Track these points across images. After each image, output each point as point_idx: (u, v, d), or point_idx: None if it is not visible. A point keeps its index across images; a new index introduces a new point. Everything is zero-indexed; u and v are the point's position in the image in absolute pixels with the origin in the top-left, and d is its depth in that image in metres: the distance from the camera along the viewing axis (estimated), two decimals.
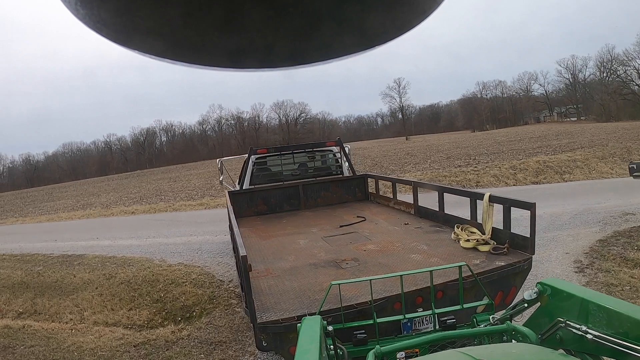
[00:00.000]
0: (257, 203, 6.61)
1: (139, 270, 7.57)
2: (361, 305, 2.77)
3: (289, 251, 4.31)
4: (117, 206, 18.91)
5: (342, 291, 2.67)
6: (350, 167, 7.43)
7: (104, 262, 8.36)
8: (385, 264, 3.61)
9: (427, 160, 21.58)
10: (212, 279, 6.86)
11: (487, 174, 15.59)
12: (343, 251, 4.13)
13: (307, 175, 7.17)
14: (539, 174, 15.18)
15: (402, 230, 4.86)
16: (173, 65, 0.31)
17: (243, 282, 3.05)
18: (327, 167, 7.50)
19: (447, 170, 17.33)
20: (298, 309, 2.82)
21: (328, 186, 6.96)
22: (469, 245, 3.82)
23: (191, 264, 7.61)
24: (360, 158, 30.57)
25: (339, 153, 7.39)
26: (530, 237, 3.39)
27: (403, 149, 35.11)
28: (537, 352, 1.55)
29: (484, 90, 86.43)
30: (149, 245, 9.29)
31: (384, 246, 4.19)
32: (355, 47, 0.32)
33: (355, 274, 3.38)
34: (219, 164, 8.55)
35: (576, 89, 72.77)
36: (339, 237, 4.73)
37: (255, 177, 6.92)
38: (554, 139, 25.37)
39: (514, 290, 3.37)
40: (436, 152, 26.03)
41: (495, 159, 18.63)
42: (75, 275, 7.90)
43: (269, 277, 3.52)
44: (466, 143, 33.01)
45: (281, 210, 6.63)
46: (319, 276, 3.44)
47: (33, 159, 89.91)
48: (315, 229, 5.28)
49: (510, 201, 3.72)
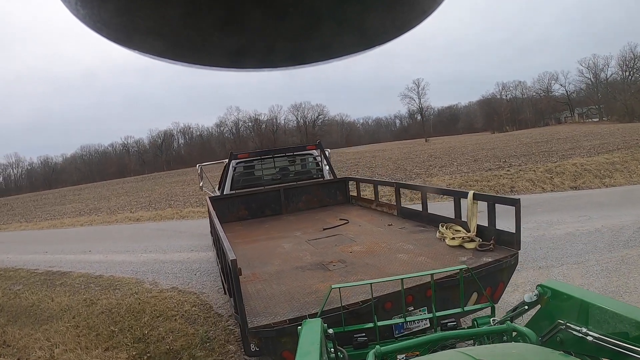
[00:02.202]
0: (238, 208, 6.52)
1: (124, 296, 6.46)
2: (353, 306, 2.75)
3: (274, 255, 4.28)
4: (123, 212, 18.08)
5: (330, 293, 2.68)
6: (331, 170, 7.38)
7: (88, 283, 7.31)
8: (373, 265, 3.62)
9: (453, 163, 20.61)
10: (208, 311, 5.66)
11: (522, 178, 14.19)
12: (329, 253, 4.13)
13: (288, 180, 7.19)
14: (577, 178, 13.71)
15: (386, 231, 4.87)
16: (174, 65, 0.31)
17: (232, 286, 2.90)
18: (307, 171, 7.52)
19: (477, 174, 16.04)
20: (289, 312, 2.80)
21: (309, 190, 6.95)
22: (455, 243, 3.90)
23: (186, 289, 6.44)
24: (380, 160, 29.47)
25: (319, 156, 7.38)
26: (516, 232, 3.48)
27: (424, 151, 34.85)
28: (538, 352, 1.53)
29: (504, 90, 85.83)
30: (143, 262, 8.19)
31: (369, 247, 4.20)
32: (355, 47, 0.32)
33: (344, 276, 3.41)
34: (198, 169, 8.42)
35: (598, 89, 71.60)
36: (324, 239, 4.72)
37: (236, 182, 6.88)
38: (584, 140, 24.46)
39: (502, 286, 3.44)
40: (461, 155, 25.21)
41: (528, 162, 17.34)
42: (53, 300, 6.86)
43: (256, 282, 3.47)
44: (490, 144, 32.40)
45: (263, 215, 6.58)
46: (307, 279, 3.43)
47: (51, 161, 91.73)
48: (299, 232, 5.24)
49: (495, 198, 3.90)
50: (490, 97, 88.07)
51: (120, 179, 68.77)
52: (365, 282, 2.68)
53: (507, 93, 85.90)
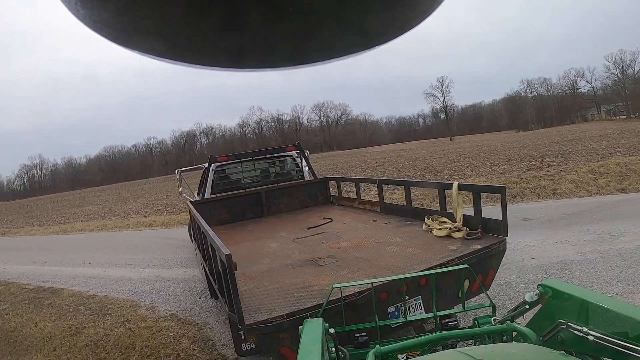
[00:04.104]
0: (219, 212, 6.45)
1: (114, 324, 5.51)
2: (350, 298, 2.74)
3: (262, 255, 4.23)
4: (137, 216, 17.40)
5: (322, 287, 2.92)
6: (311, 171, 7.41)
7: (77, 306, 6.41)
8: (363, 258, 3.63)
9: (486, 163, 19.28)
10: (210, 350, 4.62)
11: (564, 180, 12.81)
12: (317, 250, 4.11)
13: (268, 182, 7.20)
14: (623, 179, 12.40)
15: (371, 227, 4.87)
16: (174, 65, 0.31)
17: (227, 282, 2.69)
18: (287, 172, 7.53)
19: (514, 175, 14.66)
20: (285, 307, 2.75)
21: (290, 191, 6.96)
22: (442, 233, 3.96)
23: (187, 318, 5.43)
24: (407, 160, 28.12)
25: (298, 158, 7.41)
26: (503, 219, 3.56)
27: (451, 150, 34.16)
28: (538, 352, 1.54)
29: (529, 88, 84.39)
30: (143, 279, 7.26)
31: (357, 242, 4.20)
32: (355, 47, 0.32)
33: (335, 270, 3.40)
34: (177, 175, 8.27)
35: (625, 85, 70.14)
36: (310, 238, 4.71)
37: (216, 186, 6.79)
38: (620, 138, 23.20)
39: (492, 272, 3.51)
40: (492, 154, 24.10)
41: (566, 161, 15.92)
42: (37, 324, 5.99)
43: (247, 281, 3.41)
44: (519, 143, 31.35)
45: (244, 218, 6.56)
46: (299, 275, 3.40)
47: (75, 162, 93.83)
48: (284, 232, 5.23)
49: (480, 187, 4.13)
50: (514, 94, 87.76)
51: (143, 180, 69.52)
52: (367, 282, 2.70)
53: (532, 90, 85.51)
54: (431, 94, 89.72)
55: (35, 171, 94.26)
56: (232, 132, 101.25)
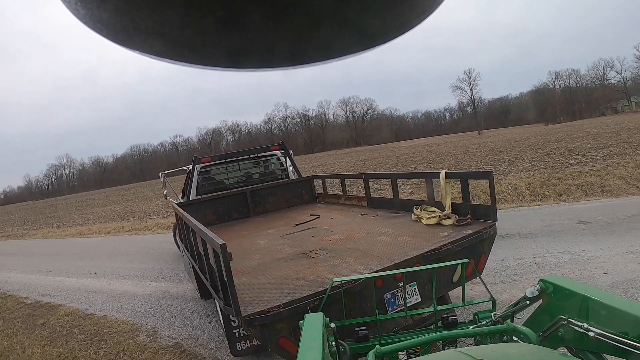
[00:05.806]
0: (205, 214, 6.36)
1: (107, 354, 4.71)
2: (346, 285, 2.72)
3: (252, 251, 4.20)
4: (155, 217, 16.88)
5: (317, 277, 2.91)
6: (296, 170, 7.49)
7: (72, 328, 5.68)
8: (355, 249, 3.64)
9: (523, 158, 17.95)
10: None
11: (612, 175, 11.67)
12: (308, 244, 4.09)
13: (253, 182, 7.21)
14: None
15: (360, 220, 4.93)
16: (174, 65, 0.31)
17: (222, 273, 2.61)
18: (272, 172, 7.56)
19: (556, 170, 13.39)
20: (281, 297, 2.72)
21: (275, 191, 6.97)
22: (432, 222, 4.01)
23: (193, 348, 4.56)
24: (437, 155, 26.76)
25: (282, 157, 7.48)
26: (492, 204, 3.60)
27: (481, 144, 33.19)
28: (537, 352, 1.52)
29: (557, 80, 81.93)
30: (149, 296, 6.47)
31: (347, 235, 4.22)
32: (356, 47, 0.33)
33: (329, 261, 3.39)
34: (161, 177, 8.23)
35: None
36: (299, 233, 4.71)
37: (201, 187, 6.81)
38: None
39: (484, 257, 3.52)
40: (526, 148, 22.85)
41: (610, 155, 14.70)
42: (24, 350, 5.29)
43: (240, 275, 3.36)
44: (553, 136, 30.19)
45: (231, 219, 6.55)
46: (292, 267, 3.39)
47: (102, 161, 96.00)
48: (272, 230, 5.21)
49: (467, 174, 4.06)
50: (542, 87, 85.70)
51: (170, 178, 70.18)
52: (366, 276, 2.71)
53: (560, 82, 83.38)
54: (459, 87, 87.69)
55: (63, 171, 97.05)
56: (257, 129, 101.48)
